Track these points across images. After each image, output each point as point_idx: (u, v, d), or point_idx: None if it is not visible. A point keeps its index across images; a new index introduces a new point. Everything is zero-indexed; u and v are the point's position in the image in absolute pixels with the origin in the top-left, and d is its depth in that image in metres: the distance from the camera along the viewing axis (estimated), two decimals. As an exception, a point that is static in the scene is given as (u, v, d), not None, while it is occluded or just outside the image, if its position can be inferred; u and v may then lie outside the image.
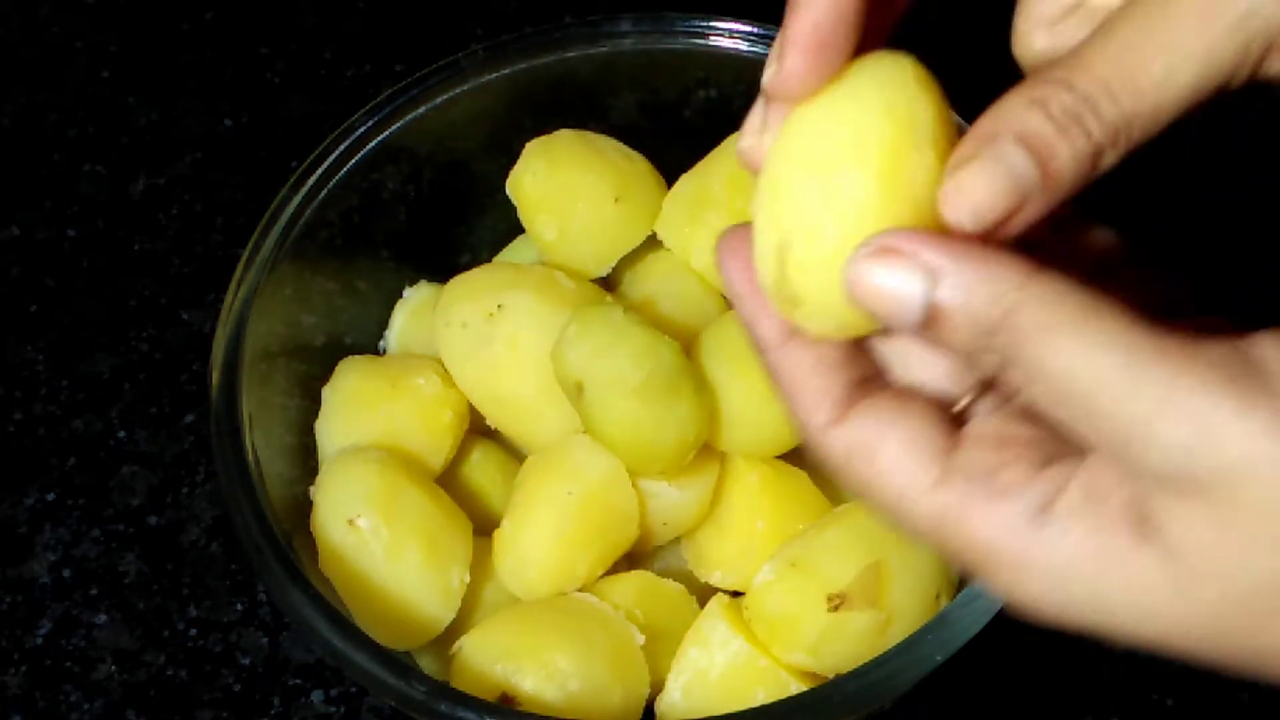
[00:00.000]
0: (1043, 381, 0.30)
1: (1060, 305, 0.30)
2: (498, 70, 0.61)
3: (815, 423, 0.34)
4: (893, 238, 0.31)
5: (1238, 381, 0.29)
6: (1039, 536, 0.31)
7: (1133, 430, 0.29)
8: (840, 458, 0.34)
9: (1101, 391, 0.29)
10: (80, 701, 0.59)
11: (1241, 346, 0.29)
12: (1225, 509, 0.29)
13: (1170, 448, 0.29)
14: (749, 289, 0.35)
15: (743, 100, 0.62)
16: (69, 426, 0.66)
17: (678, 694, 0.52)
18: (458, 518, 0.55)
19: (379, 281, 0.62)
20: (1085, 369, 0.29)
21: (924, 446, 0.33)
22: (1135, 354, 0.29)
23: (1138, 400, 0.29)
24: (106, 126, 0.75)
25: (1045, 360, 0.30)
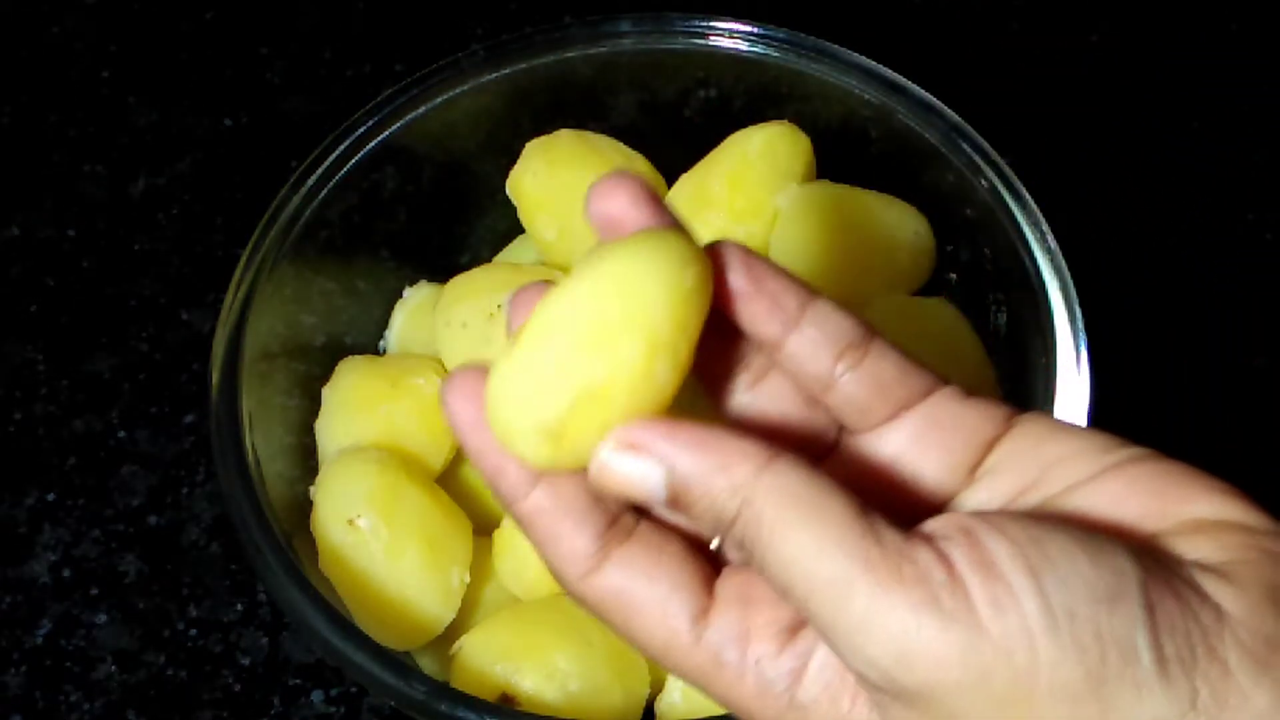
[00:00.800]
0: (770, 574, 0.32)
1: (787, 500, 0.31)
2: (498, 70, 0.61)
3: (570, 577, 0.35)
4: (633, 432, 0.32)
5: (934, 606, 0.30)
6: (787, 711, 0.33)
7: (842, 640, 0.31)
8: (599, 609, 0.35)
9: (816, 598, 0.31)
10: (80, 701, 0.59)
11: (946, 555, 0.31)
12: (926, 717, 0.30)
13: (874, 663, 0.30)
14: (489, 440, 0.34)
15: (743, 100, 0.62)
16: (69, 426, 0.66)
17: (678, 694, 0.52)
18: (458, 518, 0.55)
19: (379, 281, 0.62)
20: (802, 574, 0.31)
21: (681, 609, 0.34)
22: (846, 567, 0.30)
23: (846, 613, 0.30)
24: (106, 126, 0.75)
25: (770, 556, 0.31)
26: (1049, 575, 0.30)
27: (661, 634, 0.34)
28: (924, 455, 0.35)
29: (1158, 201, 0.70)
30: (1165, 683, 0.29)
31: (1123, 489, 0.33)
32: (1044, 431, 0.35)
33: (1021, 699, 0.29)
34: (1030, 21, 0.75)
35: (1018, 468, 0.35)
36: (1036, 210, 0.55)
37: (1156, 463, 0.34)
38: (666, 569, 0.34)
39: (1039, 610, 0.29)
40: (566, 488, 0.34)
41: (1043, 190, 0.56)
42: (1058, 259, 0.54)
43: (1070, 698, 0.29)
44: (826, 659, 0.33)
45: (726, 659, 0.34)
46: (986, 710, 0.30)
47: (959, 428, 0.35)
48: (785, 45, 0.60)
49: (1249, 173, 0.71)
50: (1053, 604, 0.29)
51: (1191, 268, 0.68)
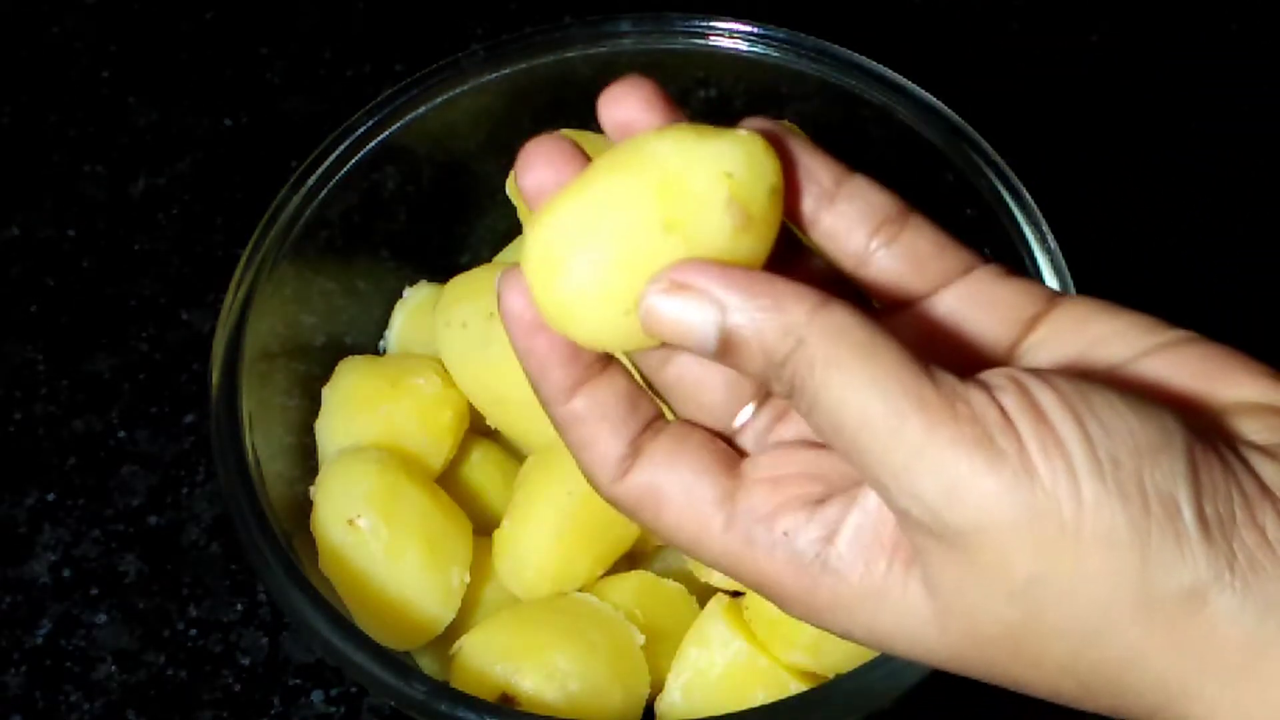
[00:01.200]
0: (820, 414, 0.31)
1: (842, 341, 0.31)
2: (498, 70, 0.61)
3: (603, 480, 0.35)
4: (684, 272, 0.32)
5: (984, 443, 0.30)
6: (820, 578, 0.33)
7: (891, 476, 0.31)
8: (631, 509, 0.35)
9: (867, 434, 0.31)
10: (80, 701, 0.59)
11: (995, 398, 0.31)
12: (967, 560, 0.31)
13: (921, 498, 0.30)
14: (536, 341, 0.34)
15: (743, 100, 0.62)
16: (69, 426, 0.66)
17: (678, 694, 0.52)
18: (458, 518, 0.55)
19: (379, 281, 0.62)
20: (855, 410, 0.31)
21: (707, 492, 0.34)
22: (899, 401, 0.30)
23: (897, 449, 0.30)
24: (106, 126, 0.75)
25: (823, 395, 0.31)
26: (1094, 424, 0.30)
27: (691, 522, 0.34)
28: (961, 331, 0.35)
29: (1158, 201, 0.70)
30: (1206, 542, 0.30)
31: (1168, 369, 0.33)
32: (1087, 311, 0.35)
33: (1065, 543, 0.30)
34: (1030, 21, 0.75)
35: (1060, 345, 0.35)
36: (1036, 210, 0.55)
37: (1203, 345, 0.34)
38: (691, 456, 0.35)
39: (1085, 456, 0.30)
40: (605, 395, 0.34)
41: (1043, 190, 0.56)
42: (1058, 259, 0.54)
43: (1112, 544, 0.29)
44: (860, 521, 0.33)
45: (756, 537, 0.34)
46: (1030, 552, 0.30)
47: (998, 304, 0.35)
48: (785, 45, 0.60)
49: (1249, 173, 0.71)
50: (1098, 451, 0.30)
51: (1191, 268, 0.68)
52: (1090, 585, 0.30)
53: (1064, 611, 0.30)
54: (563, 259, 0.32)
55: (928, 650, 0.33)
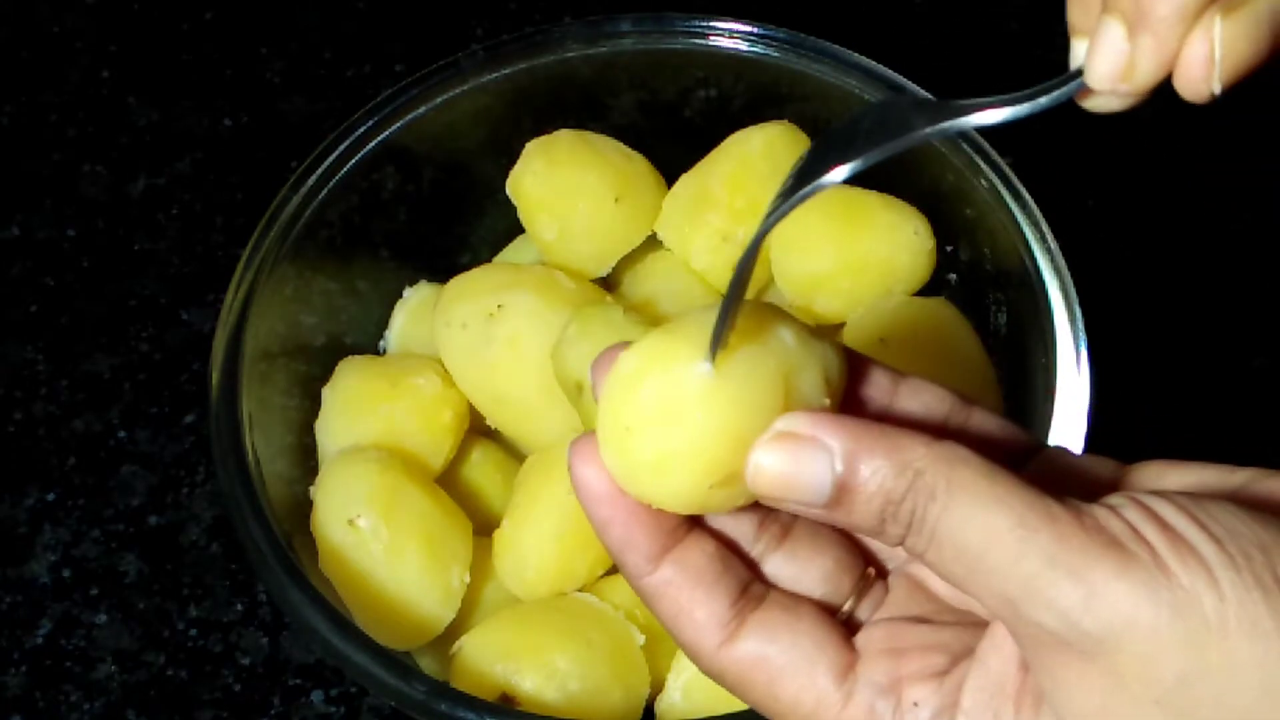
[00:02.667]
0: (943, 542, 0.31)
1: (961, 468, 0.31)
2: (498, 70, 0.61)
3: (706, 647, 0.34)
4: (791, 422, 0.32)
5: (1116, 548, 0.30)
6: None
7: (1023, 589, 0.30)
8: (739, 679, 0.34)
9: (996, 551, 0.30)
10: (80, 701, 0.59)
11: (1118, 512, 0.31)
12: (1109, 671, 0.30)
13: (1057, 607, 0.30)
14: (615, 513, 0.33)
15: (743, 100, 0.62)
16: (69, 426, 0.66)
17: (678, 694, 0.52)
18: (458, 518, 0.55)
19: (379, 281, 0.62)
20: (981, 528, 0.31)
21: (826, 665, 0.34)
22: (1026, 516, 0.30)
23: (1027, 559, 0.30)
24: (106, 126, 0.75)
25: (945, 519, 0.31)
26: (1217, 527, 0.30)
27: (810, 696, 0.33)
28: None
29: (1158, 201, 0.70)
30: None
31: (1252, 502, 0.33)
32: (1161, 468, 0.35)
33: (1212, 637, 0.29)
34: (1030, 21, 0.75)
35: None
36: (1036, 210, 0.55)
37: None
38: (807, 629, 0.34)
39: (1216, 553, 0.30)
40: (694, 557, 0.34)
41: (1043, 190, 0.56)
42: (1058, 259, 0.54)
43: (1260, 636, 0.29)
44: (980, 678, 0.33)
45: (879, 711, 0.33)
46: (1177, 651, 0.30)
47: (1077, 474, 0.36)
48: (785, 45, 0.60)
49: (1249, 173, 0.71)
50: (1227, 548, 0.30)
51: (1191, 268, 0.68)
52: (1244, 678, 0.30)
53: (1217, 709, 0.30)
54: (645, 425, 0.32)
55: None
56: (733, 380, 0.32)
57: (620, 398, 0.32)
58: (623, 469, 0.33)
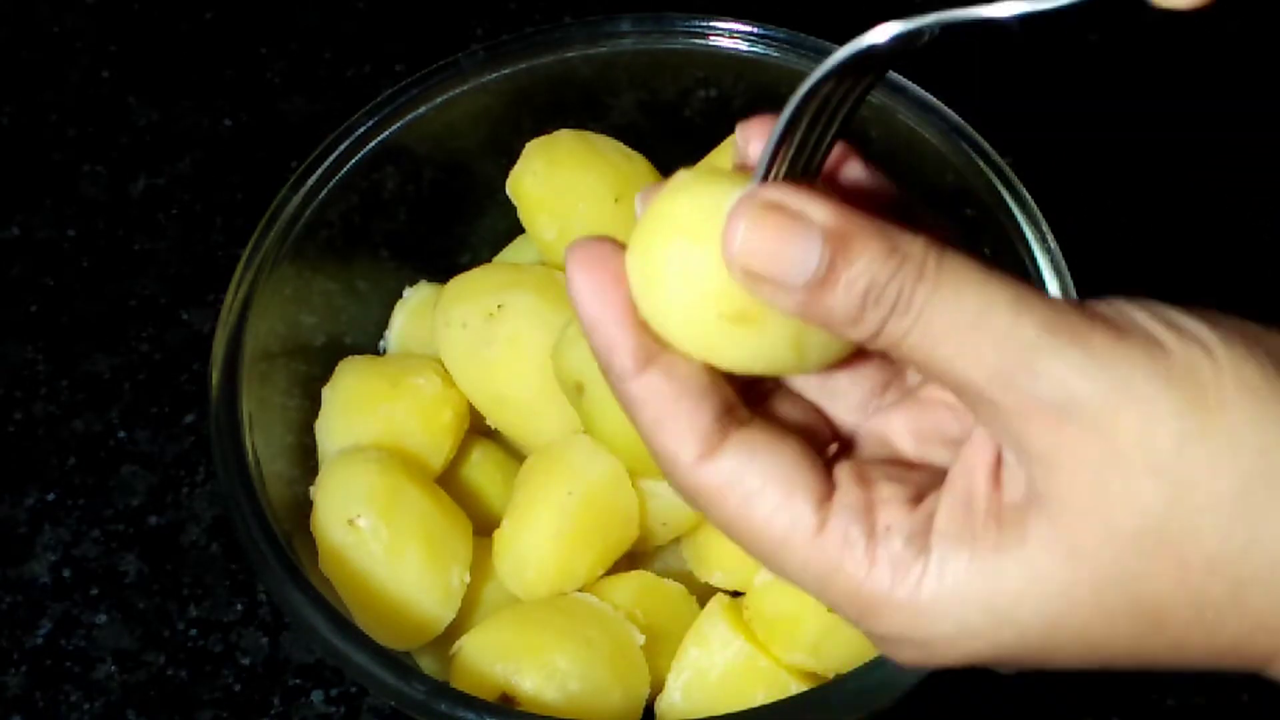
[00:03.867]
0: (932, 319, 0.30)
1: (952, 252, 0.31)
2: (498, 70, 0.61)
3: (684, 458, 0.32)
4: (780, 194, 0.30)
5: (1110, 322, 0.30)
6: (926, 570, 0.31)
7: (1018, 356, 0.30)
8: (713, 495, 0.32)
9: (990, 319, 0.30)
10: (80, 701, 0.59)
11: (1105, 300, 0.31)
12: (1106, 439, 0.29)
13: (1053, 374, 0.29)
14: (606, 312, 0.32)
15: (743, 100, 0.62)
16: (69, 426, 0.66)
17: (678, 694, 0.52)
18: (458, 518, 0.55)
19: (379, 281, 0.62)
20: (977, 298, 0.30)
21: (804, 490, 0.32)
22: (1021, 291, 0.30)
23: (1024, 327, 0.30)
24: (106, 126, 0.75)
25: (938, 296, 0.30)
26: (1202, 314, 0.31)
27: (783, 520, 0.32)
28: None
29: (1158, 201, 0.70)
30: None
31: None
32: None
33: (1209, 403, 0.29)
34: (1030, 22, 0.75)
35: None
36: (1036, 210, 0.55)
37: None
38: (790, 452, 0.32)
39: (1209, 330, 0.30)
40: (682, 369, 0.32)
41: (1043, 190, 0.56)
42: (1058, 259, 0.54)
43: (1254, 392, 0.30)
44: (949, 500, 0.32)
45: (853, 536, 0.32)
46: (1174, 412, 0.29)
47: None
48: (785, 45, 0.60)
49: (1249, 173, 0.71)
50: (1219, 327, 0.30)
51: (1192, 267, 0.68)
52: (1242, 444, 0.29)
53: (1216, 480, 0.29)
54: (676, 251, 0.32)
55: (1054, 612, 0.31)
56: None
57: (657, 207, 0.32)
58: (641, 279, 0.32)
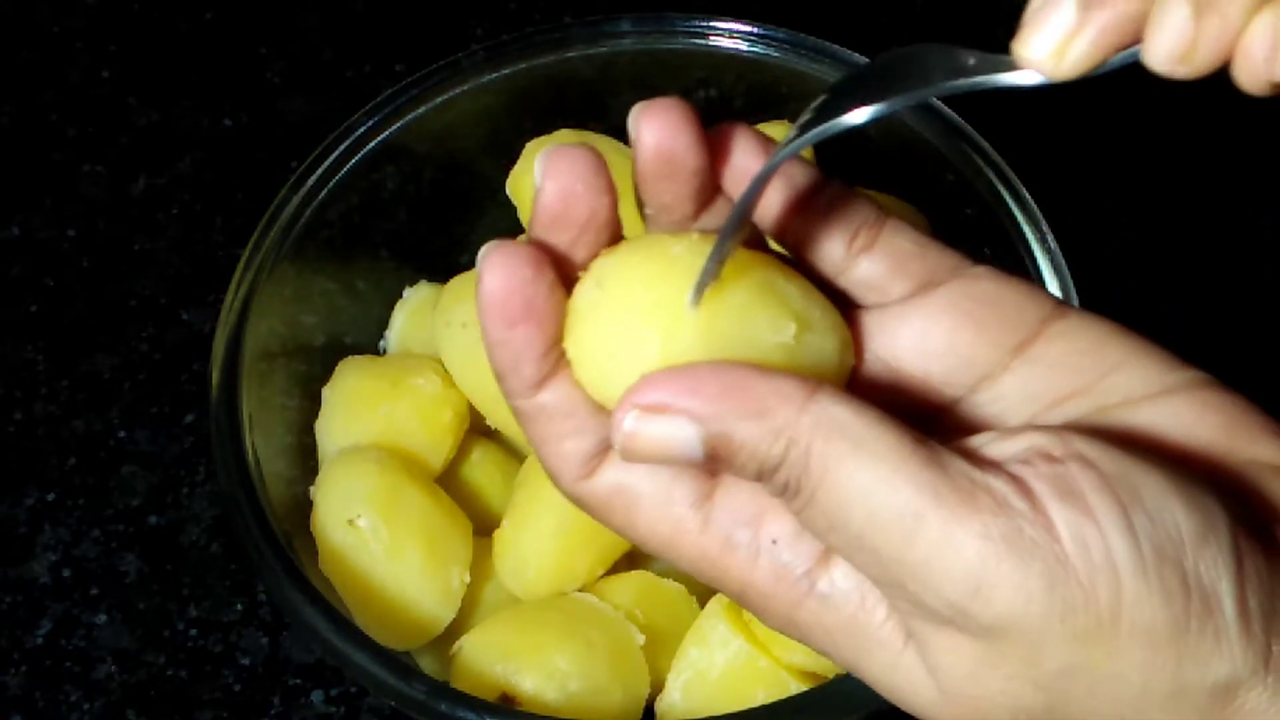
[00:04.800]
0: (820, 516, 0.30)
1: (837, 437, 0.29)
2: (498, 70, 0.61)
3: (566, 479, 0.33)
4: (654, 391, 0.30)
5: (1014, 537, 0.28)
6: (805, 599, 0.32)
7: (910, 575, 0.29)
8: (598, 509, 0.34)
9: (879, 535, 0.29)
10: (80, 701, 0.59)
11: (1024, 483, 0.29)
12: (992, 651, 0.29)
13: (944, 596, 0.29)
14: (515, 334, 0.32)
15: (743, 100, 0.62)
16: (69, 426, 0.66)
17: (678, 694, 0.52)
18: (458, 518, 0.55)
19: (379, 281, 0.62)
20: (862, 511, 0.29)
21: (683, 492, 0.32)
22: (913, 499, 0.29)
23: (915, 548, 0.29)
24: (106, 126, 0.75)
25: (823, 496, 0.30)
26: (1139, 513, 0.29)
27: (667, 524, 0.33)
28: (956, 330, 0.34)
29: (1158, 201, 0.70)
30: (1245, 637, 0.29)
31: (1191, 416, 0.32)
32: (1104, 333, 0.34)
33: (1101, 639, 0.28)
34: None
35: (1070, 365, 0.33)
36: (1036, 210, 0.55)
37: (1221, 393, 0.33)
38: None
39: (1128, 549, 0.28)
40: (573, 389, 0.33)
41: (1043, 190, 0.56)
42: (1058, 259, 0.54)
43: (1151, 643, 0.28)
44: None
45: (737, 540, 0.32)
46: (1062, 647, 0.29)
47: (996, 304, 0.34)
48: (785, 45, 0.60)
49: (1249, 173, 0.71)
50: (1141, 544, 0.28)
51: (1193, 267, 0.68)
52: (1123, 678, 0.29)
53: (1092, 703, 0.29)
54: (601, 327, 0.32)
55: (920, 709, 0.31)
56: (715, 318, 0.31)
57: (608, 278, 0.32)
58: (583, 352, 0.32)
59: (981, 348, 0.34)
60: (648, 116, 0.33)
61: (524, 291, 0.32)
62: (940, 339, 0.34)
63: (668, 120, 0.33)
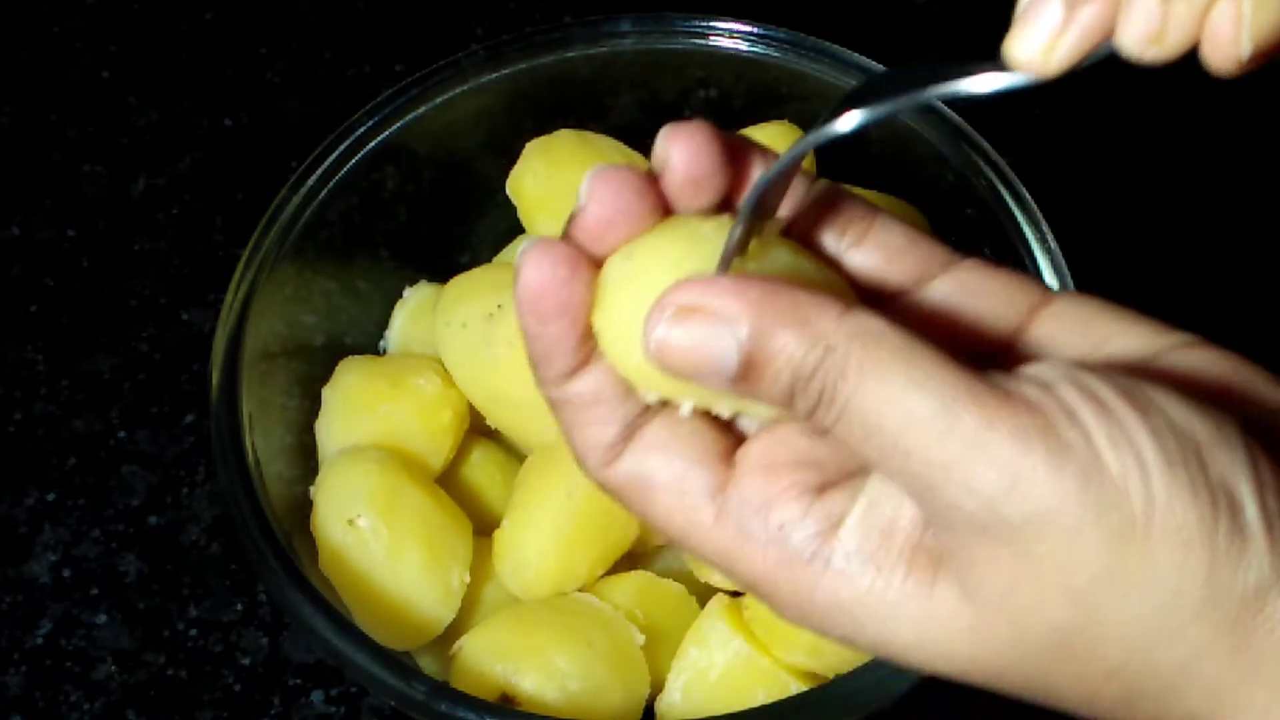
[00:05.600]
0: (852, 422, 0.30)
1: (877, 344, 0.30)
2: (498, 70, 0.61)
3: (591, 464, 0.34)
4: (693, 293, 0.31)
5: (1048, 433, 0.29)
6: (820, 579, 0.32)
7: (943, 472, 0.29)
8: (618, 494, 0.34)
9: (914, 434, 0.29)
10: (80, 701, 0.59)
11: (1053, 390, 0.30)
12: (1024, 558, 0.29)
13: (980, 492, 0.29)
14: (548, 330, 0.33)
15: (743, 100, 0.62)
16: (69, 426, 0.66)
17: (678, 694, 0.52)
18: (458, 518, 0.55)
19: (379, 281, 0.62)
20: (898, 411, 0.29)
21: (698, 483, 0.33)
22: (949, 397, 0.29)
23: (949, 444, 0.29)
24: (106, 126, 0.75)
25: (858, 400, 0.30)
26: (1159, 418, 0.29)
27: (680, 515, 0.33)
28: (956, 322, 0.34)
29: (1158, 202, 0.70)
30: (1269, 540, 0.29)
31: (1186, 371, 0.32)
32: (1089, 310, 0.34)
33: (1135, 537, 0.29)
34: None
35: (1067, 340, 0.34)
36: (1036, 210, 0.55)
37: (1213, 350, 0.33)
38: (683, 443, 0.33)
39: (1155, 449, 0.29)
40: (603, 379, 0.33)
41: (1043, 190, 0.56)
42: (1058, 259, 0.54)
43: (1183, 542, 0.29)
44: (868, 520, 0.32)
45: (751, 530, 0.32)
46: (1097, 547, 0.29)
47: (990, 296, 0.34)
48: (785, 45, 0.60)
49: (1249, 173, 0.71)
50: (1166, 444, 0.29)
51: (1192, 268, 0.68)
52: (1158, 581, 0.29)
53: (1127, 609, 0.29)
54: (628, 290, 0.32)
55: (955, 661, 0.31)
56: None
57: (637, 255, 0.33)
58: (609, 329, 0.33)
59: (977, 344, 0.34)
60: (677, 140, 0.33)
61: (559, 291, 0.33)
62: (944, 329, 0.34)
63: (696, 143, 0.33)
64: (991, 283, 0.35)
